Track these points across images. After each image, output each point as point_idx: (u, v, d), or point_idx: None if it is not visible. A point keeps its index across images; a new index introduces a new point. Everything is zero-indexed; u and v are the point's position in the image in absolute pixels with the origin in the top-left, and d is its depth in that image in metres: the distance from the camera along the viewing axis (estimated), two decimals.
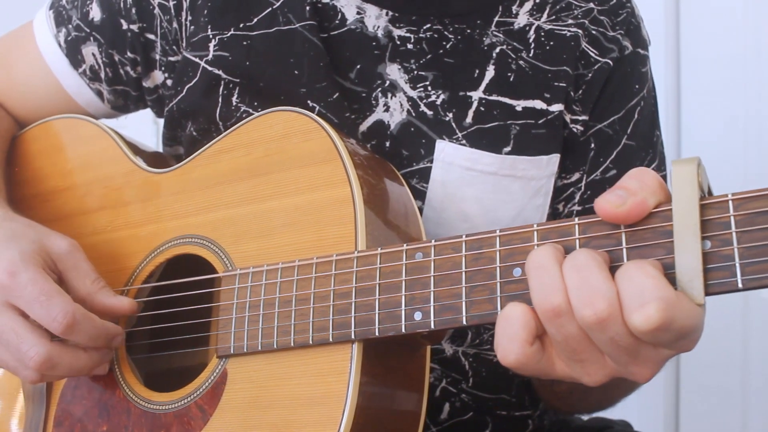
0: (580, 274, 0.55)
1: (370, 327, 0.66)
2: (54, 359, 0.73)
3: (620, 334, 0.54)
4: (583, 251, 0.56)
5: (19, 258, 0.74)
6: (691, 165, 0.55)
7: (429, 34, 0.86)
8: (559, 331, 0.56)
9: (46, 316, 0.72)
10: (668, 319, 0.52)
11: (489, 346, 0.89)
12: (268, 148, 0.79)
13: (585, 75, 0.86)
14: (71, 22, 0.94)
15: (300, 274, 0.71)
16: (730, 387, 1.62)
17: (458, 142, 0.83)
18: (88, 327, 0.74)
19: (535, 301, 0.57)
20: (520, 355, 0.58)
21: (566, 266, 0.56)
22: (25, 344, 0.73)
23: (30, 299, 0.73)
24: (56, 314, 0.72)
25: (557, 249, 0.58)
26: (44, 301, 0.72)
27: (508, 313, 0.58)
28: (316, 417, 0.67)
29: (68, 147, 0.95)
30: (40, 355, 0.72)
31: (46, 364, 0.73)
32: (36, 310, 0.73)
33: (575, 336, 0.56)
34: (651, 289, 0.52)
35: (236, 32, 0.86)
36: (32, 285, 0.73)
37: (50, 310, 0.72)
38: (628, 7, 0.90)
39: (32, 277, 0.73)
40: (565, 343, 0.57)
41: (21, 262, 0.74)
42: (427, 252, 0.65)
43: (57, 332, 0.73)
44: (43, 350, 0.73)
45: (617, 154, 0.89)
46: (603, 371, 0.57)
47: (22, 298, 0.73)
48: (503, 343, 0.58)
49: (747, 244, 0.52)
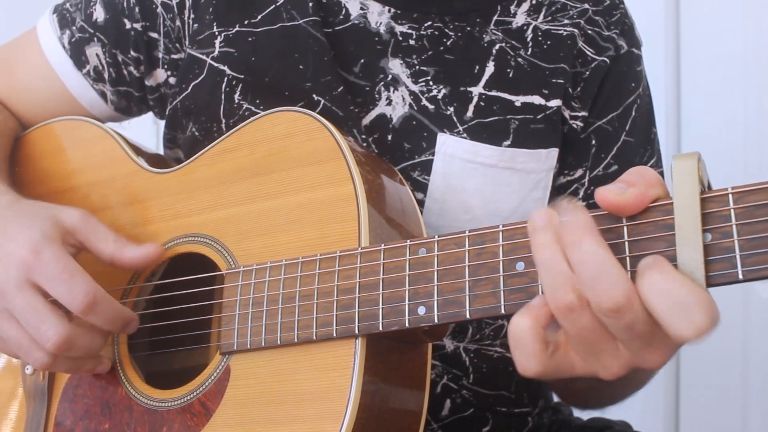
0: (589, 266, 0.55)
1: (374, 322, 0.67)
2: (72, 340, 0.73)
3: (636, 320, 0.54)
4: (585, 240, 0.55)
5: (41, 236, 0.74)
6: (692, 159, 0.55)
7: (430, 31, 0.87)
8: (574, 324, 0.56)
9: (67, 294, 0.72)
10: (714, 322, 0.52)
11: (489, 342, 0.90)
12: (270, 148, 0.79)
13: (582, 73, 0.89)
14: (75, 23, 0.95)
15: (303, 270, 0.71)
16: (730, 386, 1.62)
17: (459, 135, 0.85)
18: (107, 309, 0.74)
19: (549, 298, 0.57)
20: (540, 365, 0.58)
21: (574, 259, 0.55)
22: (46, 323, 0.72)
23: (52, 276, 0.72)
24: (77, 292, 0.72)
25: (556, 233, 0.57)
26: (67, 279, 0.72)
27: (515, 332, 0.58)
28: (320, 412, 0.67)
29: (71, 148, 0.95)
30: (60, 334, 0.72)
31: (65, 345, 0.72)
32: (58, 287, 0.72)
33: (589, 327, 0.56)
34: (693, 300, 0.52)
35: (241, 29, 0.87)
36: (55, 262, 0.73)
37: (72, 287, 0.72)
38: (621, 8, 0.93)
39: (55, 255, 0.73)
40: (580, 336, 0.57)
41: (43, 240, 0.74)
42: (430, 247, 0.66)
43: (77, 311, 0.72)
44: (63, 330, 0.72)
45: (617, 150, 0.91)
46: (618, 362, 0.57)
47: (44, 275, 0.73)
48: (521, 360, 0.58)
49: (747, 236, 0.53)
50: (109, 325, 0.75)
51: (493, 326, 0.90)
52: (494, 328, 0.90)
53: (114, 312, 0.75)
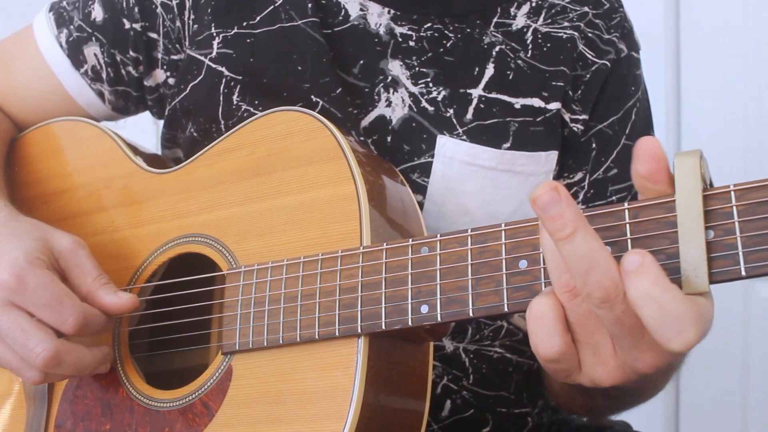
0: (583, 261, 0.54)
1: (377, 321, 0.67)
2: (61, 355, 0.73)
3: (626, 313, 0.54)
4: (579, 235, 0.54)
5: (24, 259, 0.73)
6: (694, 157, 0.55)
7: (430, 32, 0.87)
8: (575, 310, 0.56)
9: (57, 320, 0.72)
10: (703, 333, 0.52)
11: (489, 342, 0.90)
12: (270, 148, 0.79)
13: (583, 76, 0.89)
14: (72, 22, 0.95)
15: (305, 270, 0.71)
16: (730, 386, 1.63)
17: (459, 137, 0.85)
18: (98, 324, 0.75)
19: (554, 282, 0.57)
20: (562, 344, 0.57)
21: (567, 253, 0.54)
22: (32, 341, 0.72)
23: (40, 304, 0.72)
24: (67, 317, 0.72)
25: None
26: (55, 306, 0.72)
27: (537, 311, 0.58)
28: (323, 411, 0.67)
29: (69, 149, 0.95)
30: (48, 351, 0.72)
31: (53, 361, 0.73)
32: (46, 314, 0.73)
33: (588, 314, 0.56)
34: (687, 314, 0.52)
35: (240, 30, 0.87)
36: (42, 289, 0.72)
37: (62, 314, 0.72)
38: (621, 12, 0.93)
39: (41, 281, 0.73)
40: (579, 324, 0.57)
41: (26, 264, 0.73)
42: (432, 246, 0.66)
43: (68, 333, 0.73)
44: (51, 346, 0.72)
45: (617, 153, 0.91)
46: (613, 361, 0.57)
47: (31, 302, 0.73)
48: (542, 339, 0.57)
49: (749, 233, 0.53)
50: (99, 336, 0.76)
51: (493, 327, 0.90)
52: (493, 329, 0.90)
53: (102, 325, 0.76)
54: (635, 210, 0.57)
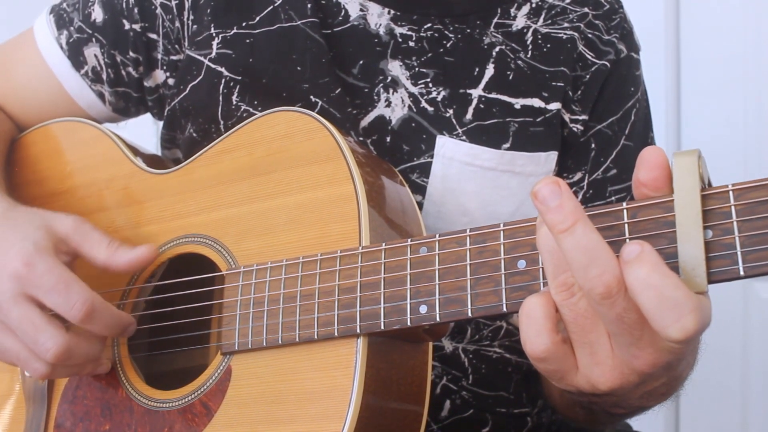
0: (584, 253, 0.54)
1: (376, 321, 0.67)
2: (71, 349, 0.73)
3: (628, 309, 0.54)
4: (579, 227, 0.54)
5: (33, 248, 0.74)
6: (692, 156, 0.55)
7: (430, 33, 0.87)
8: (572, 309, 0.56)
9: (64, 304, 0.72)
10: (702, 325, 0.52)
11: (488, 342, 0.90)
12: (270, 148, 0.79)
13: (583, 76, 0.89)
14: (73, 24, 0.95)
15: (304, 270, 0.71)
16: (730, 386, 1.62)
17: (458, 137, 0.85)
18: (105, 315, 0.74)
19: (550, 281, 0.57)
20: (549, 344, 0.57)
21: (567, 246, 0.54)
22: (43, 335, 0.72)
23: (48, 288, 0.73)
24: (75, 302, 0.72)
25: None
26: (62, 290, 0.72)
27: (527, 309, 0.58)
28: (322, 411, 0.67)
29: (69, 149, 0.95)
30: (59, 345, 0.72)
31: (64, 355, 0.73)
32: (54, 298, 0.73)
33: (584, 313, 0.56)
34: (686, 301, 0.52)
35: (239, 30, 0.87)
36: (49, 274, 0.73)
37: (69, 298, 0.72)
38: (621, 13, 0.93)
39: (49, 266, 0.73)
40: (576, 323, 0.57)
41: (35, 252, 0.74)
42: (431, 246, 0.66)
43: (75, 320, 0.73)
44: (62, 340, 0.72)
45: (616, 154, 0.91)
46: (611, 360, 0.57)
47: (40, 288, 0.73)
48: (531, 336, 0.58)
49: (748, 232, 0.53)
50: (107, 330, 0.76)
51: (492, 327, 0.90)
52: (493, 329, 0.90)
53: (112, 318, 0.75)
54: (634, 210, 0.57)
